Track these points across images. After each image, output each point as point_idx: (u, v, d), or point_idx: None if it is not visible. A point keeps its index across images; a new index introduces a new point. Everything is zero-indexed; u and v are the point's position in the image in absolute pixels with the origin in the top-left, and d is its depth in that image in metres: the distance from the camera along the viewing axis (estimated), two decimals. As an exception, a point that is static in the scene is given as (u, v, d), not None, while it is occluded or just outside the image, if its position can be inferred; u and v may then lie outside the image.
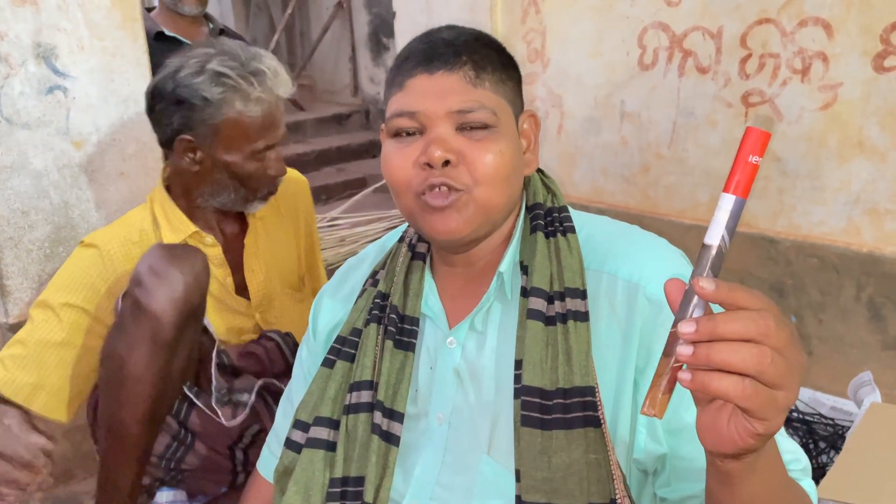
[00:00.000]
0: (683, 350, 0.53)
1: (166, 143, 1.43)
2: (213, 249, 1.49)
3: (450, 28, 0.88)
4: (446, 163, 0.82)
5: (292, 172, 1.68)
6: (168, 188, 1.49)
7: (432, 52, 0.84)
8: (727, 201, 0.56)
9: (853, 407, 1.83)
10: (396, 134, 0.85)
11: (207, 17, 2.61)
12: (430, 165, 0.82)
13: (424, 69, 0.84)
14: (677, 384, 0.56)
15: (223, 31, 2.61)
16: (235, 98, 1.35)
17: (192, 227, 1.46)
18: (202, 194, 1.45)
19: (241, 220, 1.56)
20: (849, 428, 1.66)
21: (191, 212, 1.48)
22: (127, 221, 1.47)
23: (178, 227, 1.45)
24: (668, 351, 0.57)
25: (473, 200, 0.83)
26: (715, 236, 0.56)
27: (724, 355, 0.52)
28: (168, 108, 1.38)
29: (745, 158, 0.55)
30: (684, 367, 0.55)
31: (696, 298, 0.55)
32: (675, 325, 0.56)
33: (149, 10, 2.58)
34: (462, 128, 0.83)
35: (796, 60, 2.00)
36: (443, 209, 0.83)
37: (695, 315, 0.55)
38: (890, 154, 1.90)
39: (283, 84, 1.40)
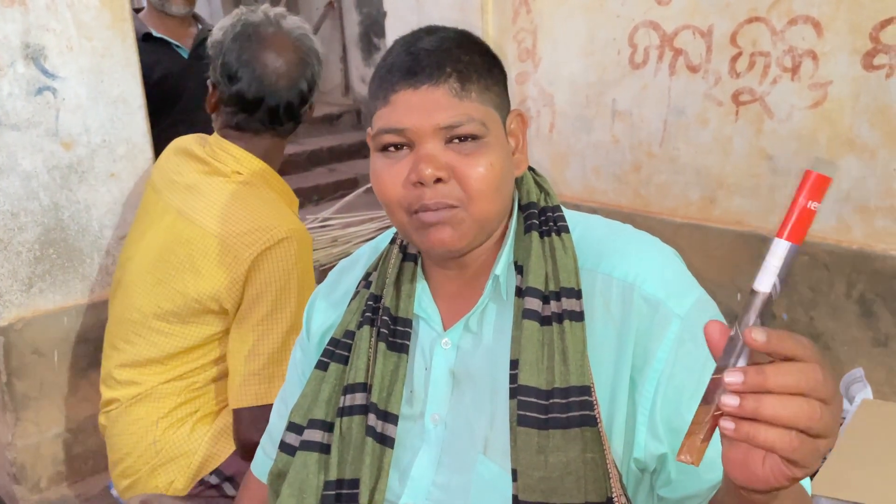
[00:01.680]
0: (729, 401, 0.51)
1: (294, 115, 1.52)
2: None
3: (430, 32, 0.87)
4: (437, 180, 0.81)
5: None
6: None
7: (415, 65, 0.83)
8: (781, 247, 0.53)
9: (845, 404, 1.84)
10: (384, 148, 0.85)
11: (196, 18, 2.60)
12: (421, 184, 0.82)
13: (409, 83, 0.82)
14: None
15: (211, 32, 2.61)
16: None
17: (297, 201, 1.58)
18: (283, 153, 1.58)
19: None
20: (841, 425, 1.67)
21: None
22: (281, 208, 1.48)
23: (292, 197, 1.56)
24: (708, 398, 0.55)
25: (468, 216, 0.83)
26: (766, 283, 0.53)
27: (774, 410, 0.51)
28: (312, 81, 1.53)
29: (803, 204, 0.52)
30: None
31: (739, 345, 0.53)
32: (717, 371, 0.54)
33: (136, 10, 2.56)
34: (451, 141, 0.83)
35: (786, 59, 2.01)
36: (437, 224, 0.82)
37: (739, 363, 0.53)
38: (879, 152, 1.91)
39: None
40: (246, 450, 1.37)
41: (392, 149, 0.84)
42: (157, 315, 1.43)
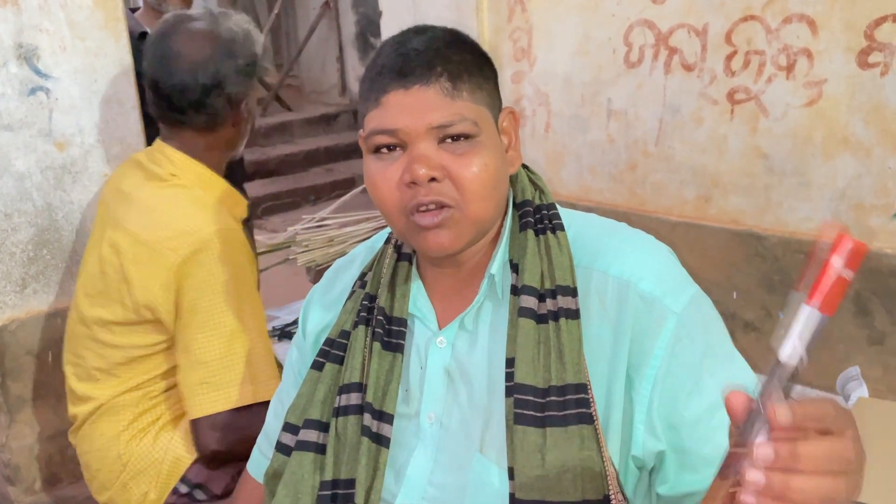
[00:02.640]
0: (755, 478, 0.48)
1: (219, 116, 1.47)
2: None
3: (419, 32, 0.86)
4: (431, 179, 0.81)
5: None
6: None
7: (406, 66, 0.82)
8: (811, 317, 0.49)
9: (841, 402, 1.84)
10: (377, 150, 0.85)
11: None
12: (415, 184, 0.81)
13: (399, 84, 0.82)
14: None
15: None
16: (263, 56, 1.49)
17: (245, 200, 1.52)
18: (221, 161, 1.51)
19: None
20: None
21: None
22: (212, 206, 1.42)
23: (237, 201, 1.49)
24: (725, 472, 0.52)
25: (464, 217, 0.83)
26: (793, 354, 0.50)
27: (802, 492, 0.49)
28: (236, 78, 1.46)
29: (839, 271, 0.49)
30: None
31: (762, 419, 0.50)
32: (736, 445, 0.51)
33: (133, 10, 2.56)
34: (443, 140, 0.82)
35: (781, 57, 2.01)
36: (434, 227, 0.82)
37: (759, 436, 0.50)
38: (875, 150, 1.91)
39: None
40: (207, 459, 1.36)
41: (385, 150, 0.84)
42: (102, 326, 1.41)
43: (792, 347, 0.50)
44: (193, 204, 1.40)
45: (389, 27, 2.83)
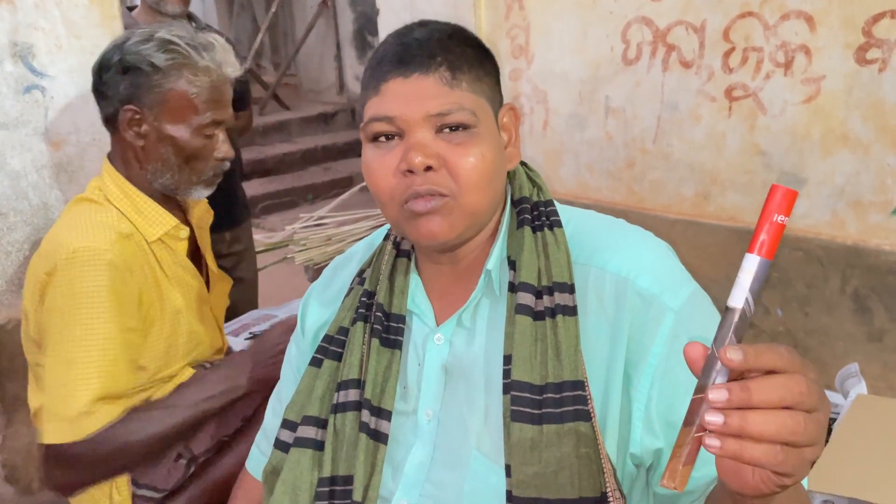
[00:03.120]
0: (713, 418, 0.51)
1: (111, 118, 1.39)
2: (182, 244, 1.45)
3: (422, 25, 0.87)
4: (428, 168, 0.81)
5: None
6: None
7: (406, 55, 0.82)
8: (751, 262, 0.53)
9: (840, 399, 1.84)
10: (375, 139, 0.84)
11: (190, 17, 2.59)
12: (411, 172, 0.81)
13: (399, 72, 0.82)
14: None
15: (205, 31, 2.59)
16: (183, 66, 1.34)
17: (173, 220, 1.41)
18: (144, 176, 1.39)
19: (183, 216, 1.51)
20: (836, 419, 1.66)
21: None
22: (98, 222, 1.34)
23: (156, 220, 1.39)
24: (690, 419, 0.54)
25: (459, 207, 0.82)
26: (738, 299, 0.53)
27: (760, 426, 0.50)
28: (114, 78, 1.35)
29: (770, 218, 0.53)
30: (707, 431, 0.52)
31: (718, 363, 0.53)
32: (696, 391, 0.54)
33: (130, 8, 2.55)
34: (441, 130, 0.82)
35: (779, 54, 2.00)
36: (427, 214, 0.82)
37: (718, 380, 0.53)
38: (873, 146, 1.91)
39: (231, 63, 1.41)
40: (54, 488, 1.32)
41: (382, 139, 0.83)
42: (32, 342, 1.40)
43: (740, 294, 0.53)
44: (78, 218, 1.34)
45: (387, 25, 2.83)
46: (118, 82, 1.35)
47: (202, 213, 1.57)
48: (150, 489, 1.39)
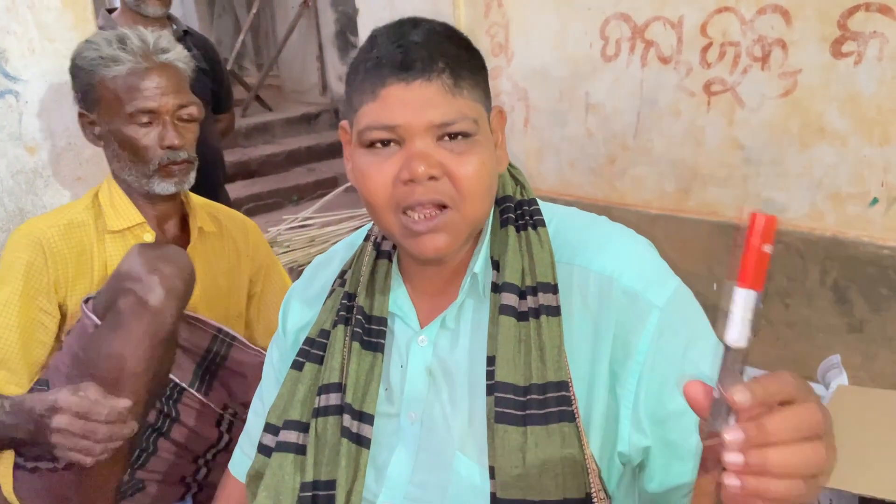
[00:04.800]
0: (734, 459, 0.49)
1: (79, 101, 1.46)
2: None
3: (415, 24, 0.84)
4: (430, 178, 0.79)
5: (237, 213, 1.69)
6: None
7: (406, 59, 0.80)
8: (744, 297, 0.52)
9: (822, 390, 1.85)
10: (371, 145, 0.82)
11: (170, 19, 2.57)
12: (412, 181, 0.79)
13: (400, 78, 0.79)
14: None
15: (187, 33, 2.57)
16: (99, 61, 1.39)
17: (139, 218, 1.45)
18: (118, 176, 1.46)
19: (185, 231, 1.54)
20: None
21: (136, 204, 1.48)
22: (67, 209, 1.46)
23: (123, 213, 1.45)
24: (707, 466, 0.53)
25: (461, 217, 0.82)
26: (739, 337, 0.52)
27: (782, 462, 0.49)
28: (72, 86, 1.45)
29: (758, 248, 0.51)
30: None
31: (725, 406, 0.51)
32: (707, 437, 0.52)
33: (110, 10, 2.52)
34: (442, 138, 0.81)
35: (756, 48, 2.01)
36: (430, 233, 0.81)
37: (730, 420, 0.51)
38: (850, 139, 1.93)
39: (158, 50, 1.41)
40: None
41: (379, 145, 0.81)
42: None
43: (738, 331, 0.52)
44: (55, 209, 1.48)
45: (366, 25, 2.82)
46: (74, 90, 1.45)
47: (223, 235, 1.58)
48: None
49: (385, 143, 0.81)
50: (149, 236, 1.46)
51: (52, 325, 1.39)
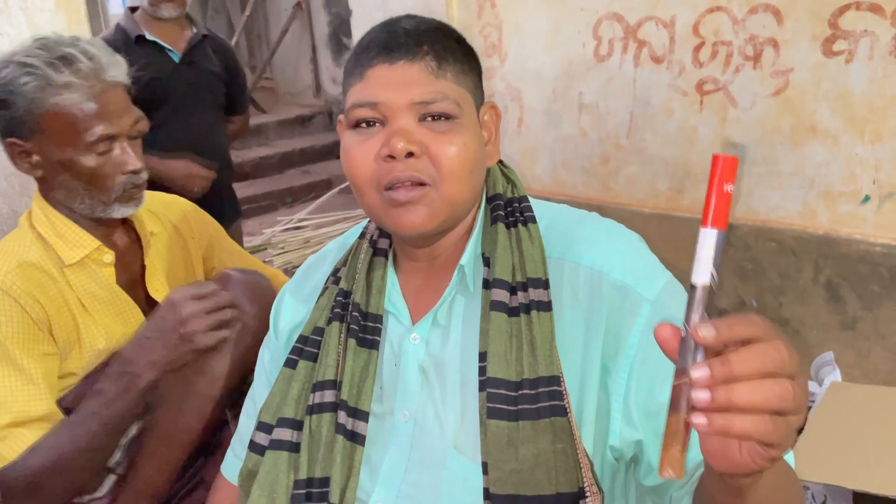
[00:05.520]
0: (700, 395, 0.50)
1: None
2: (108, 270, 1.34)
3: (410, 17, 0.87)
4: (409, 154, 0.80)
5: (168, 197, 1.54)
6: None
7: (393, 42, 0.82)
8: (709, 236, 0.53)
9: (815, 387, 1.86)
10: (356, 125, 0.84)
11: (190, 20, 2.55)
12: (392, 157, 0.81)
13: (385, 59, 0.82)
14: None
15: (206, 36, 2.51)
16: (46, 87, 1.23)
17: (94, 242, 1.31)
18: (59, 202, 1.31)
19: (134, 236, 1.41)
20: (811, 407, 1.68)
21: (83, 227, 1.33)
22: (6, 251, 1.28)
23: (76, 241, 1.31)
24: (676, 406, 0.54)
25: (440, 196, 0.82)
26: (703, 274, 0.53)
27: (748, 396, 0.50)
28: None
29: (720, 188, 0.53)
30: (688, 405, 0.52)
31: (693, 343, 0.53)
32: (677, 376, 0.53)
33: (132, 9, 2.48)
34: (424, 118, 0.82)
35: (748, 47, 2.02)
36: (408, 203, 0.82)
37: (698, 359, 0.52)
38: (841, 137, 1.94)
39: (106, 68, 1.27)
40: None
41: (364, 125, 0.83)
42: None
43: (703, 270, 0.53)
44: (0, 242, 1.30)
45: (360, 27, 2.82)
46: None
47: (166, 229, 1.45)
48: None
49: (370, 123, 0.83)
50: (108, 257, 1.34)
51: (59, 364, 1.28)
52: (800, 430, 1.76)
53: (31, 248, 1.28)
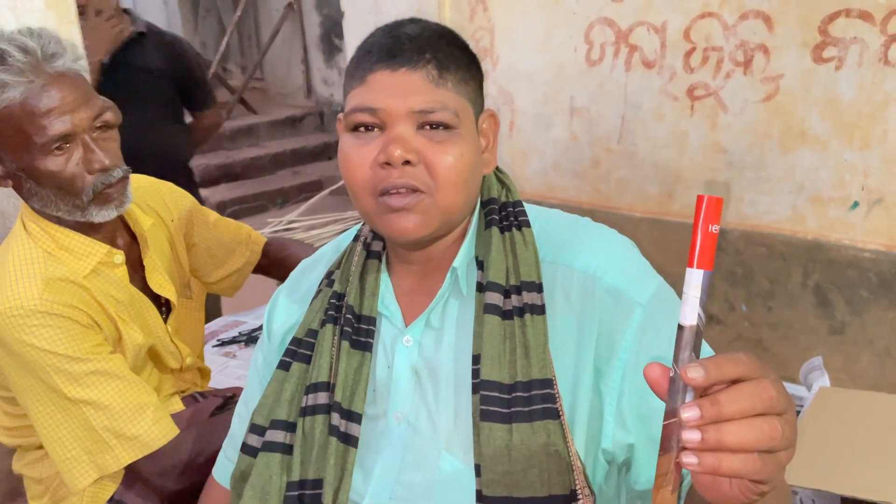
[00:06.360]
0: (691, 436, 0.50)
1: None
2: (120, 270, 1.29)
3: (414, 22, 0.87)
4: (406, 162, 0.81)
5: (143, 180, 1.45)
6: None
7: (395, 48, 0.82)
8: (695, 277, 0.53)
9: (804, 391, 1.87)
10: (355, 128, 0.84)
11: (128, 13, 2.46)
12: (389, 164, 0.81)
13: (386, 65, 0.82)
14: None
15: (143, 34, 2.38)
16: None
17: (102, 247, 1.25)
18: (37, 212, 1.23)
19: (130, 232, 1.35)
20: (800, 412, 1.69)
21: (84, 233, 1.26)
22: (23, 270, 1.20)
23: (83, 251, 1.24)
24: (666, 446, 0.54)
25: (434, 203, 0.83)
26: (691, 316, 0.53)
27: (737, 436, 0.50)
28: None
29: (705, 229, 0.53)
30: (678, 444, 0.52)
31: (682, 384, 0.53)
32: (666, 417, 0.53)
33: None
34: (423, 127, 0.82)
35: (738, 53, 2.03)
36: (402, 210, 0.82)
37: (687, 398, 0.53)
38: (831, 143, 1.95)
39: (49, 59, 1.15)
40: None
41: (362, 129, 0.83)
42: None
43: (689, 310, 0.53)
44: (10, 265, 1.20)
45: (351, 28, 2.82)
46: None
47: (151, 218, 1.38)
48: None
49: (369, 127, 0.83)
50: (118, 256, 1.28)
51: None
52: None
53: (48, 265, 1.20)
